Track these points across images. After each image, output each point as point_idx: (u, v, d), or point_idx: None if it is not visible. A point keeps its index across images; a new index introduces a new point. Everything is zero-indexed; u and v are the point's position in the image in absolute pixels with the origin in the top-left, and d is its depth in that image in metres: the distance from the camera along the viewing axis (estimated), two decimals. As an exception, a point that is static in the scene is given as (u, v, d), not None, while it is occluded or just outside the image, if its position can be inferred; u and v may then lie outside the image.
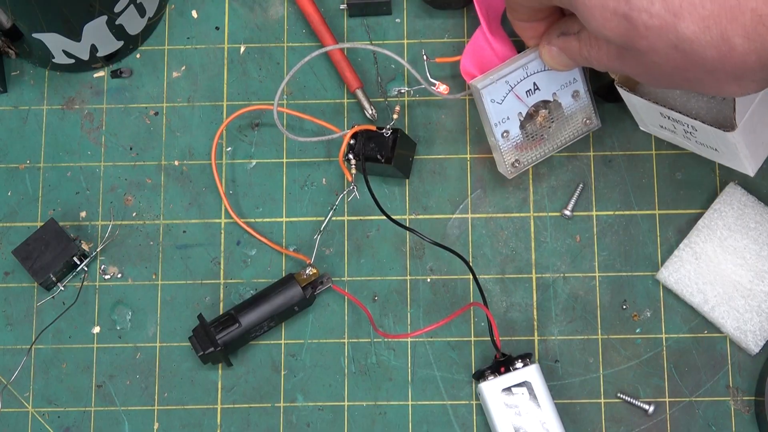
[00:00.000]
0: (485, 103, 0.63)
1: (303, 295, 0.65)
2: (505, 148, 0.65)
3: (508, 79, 0.62)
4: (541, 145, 0.66)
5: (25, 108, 0.71)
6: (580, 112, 0.66)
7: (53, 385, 0.67)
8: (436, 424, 0.66)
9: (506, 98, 0.63)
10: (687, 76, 0.49)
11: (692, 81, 0.50)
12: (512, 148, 0.65)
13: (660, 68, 0.49)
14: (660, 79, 0.51)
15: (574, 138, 0.67)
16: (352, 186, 0.66)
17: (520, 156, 0.66)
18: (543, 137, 0.65)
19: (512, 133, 0.64)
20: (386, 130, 0.65)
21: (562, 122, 0.66)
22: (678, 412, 0.65)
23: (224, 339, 0.65)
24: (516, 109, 0.64)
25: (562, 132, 0.66)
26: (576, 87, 0.65)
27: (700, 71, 0.48)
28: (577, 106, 0.65)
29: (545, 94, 0.64)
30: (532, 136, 0.65)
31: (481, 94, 0.62)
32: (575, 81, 0.64)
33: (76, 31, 0.66)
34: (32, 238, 0.67)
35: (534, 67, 0.63)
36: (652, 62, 0.49)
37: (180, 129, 0.70)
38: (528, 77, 0.63)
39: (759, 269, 0.65)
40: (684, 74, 0.49)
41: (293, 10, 0.72)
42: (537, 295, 0.67)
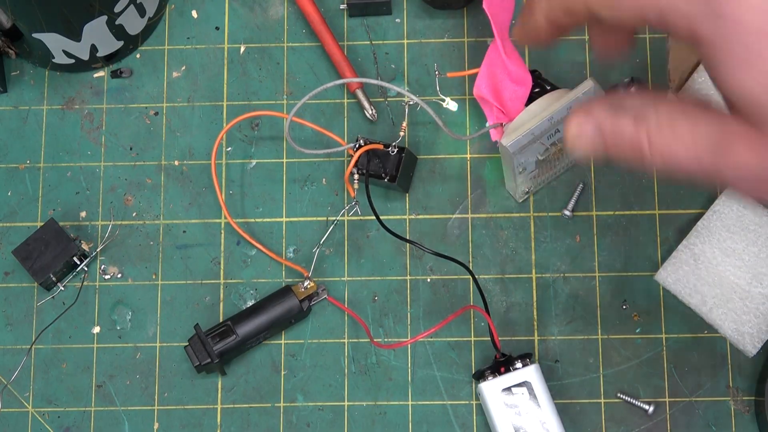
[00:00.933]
0: (513, 157, 0.62)
1: (300, 308, 0.66)
2: (520, 181, 0.65)
3: (533, 131, 0.61)
4: (551, 171, 0.66)
5: (25, 108, 0.71)
6: None
7: (53, 385, 0.67)
8: (436, 424, 0.66)
9: (529, 145, 0.62)
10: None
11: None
12: (526, 180, 0.65)
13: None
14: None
15: None
16: (354, 202, 0.67)
17: (532, 184, 0.66)
18: (554, 165, 0.66)
19: (528, 168, 0.64)
20: (392, 149, 0.65)
21: None
22: (678, 412, 0.65)
23: (221, 350, 0.65)
24: (536, 152, 0.64)
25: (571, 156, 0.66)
26: None
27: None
28: None
29: (563, 132, 0.64)
30: (544, 166, 0.65)
31: (510, 154, 0.62)
32: None
33: (76, 31, 0.66)
34: (32, 238, 0.67)
35: (559, 115, 0.62)
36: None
37: (180, 129, 0.70)
38: (552, 125, 0.62)
39: (757, 271, 0.65)
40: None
41: (293, 10, 0.72)
42: (537, 295, 0.67)
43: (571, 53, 0.70)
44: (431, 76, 0.70)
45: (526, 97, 0.63)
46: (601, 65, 0.69)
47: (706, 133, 0.36)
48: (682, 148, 0.37)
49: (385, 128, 0.69)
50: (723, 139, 0.36)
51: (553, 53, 0.70)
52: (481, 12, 0.70)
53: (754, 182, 0.35)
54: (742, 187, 0.36)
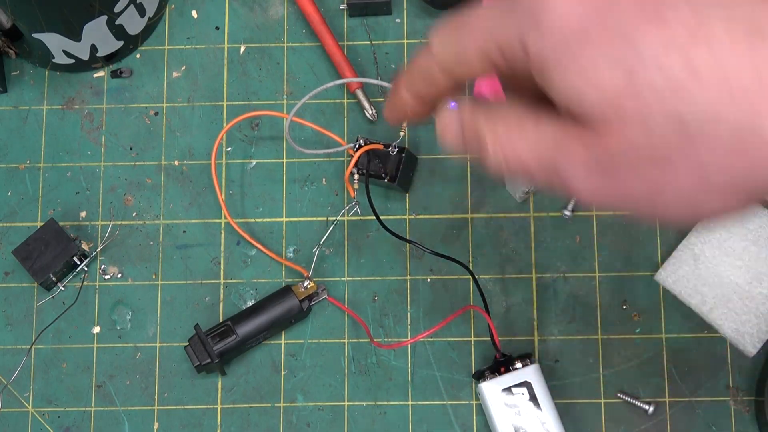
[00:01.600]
0: None
1: (300, 308, 0.66)
2: (520, 181, 0.65)
3: None
4: None
5: (25, 108, 0.71)
6: None
7: (53, 385, 0.67)
8: (436, 424, 0.66)
9: None
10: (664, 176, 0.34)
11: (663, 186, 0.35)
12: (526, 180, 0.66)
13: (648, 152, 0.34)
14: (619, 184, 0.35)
15: None
16: (354, 202, 0.67)
17: (532, 184, 0.66)
18: None
19: None
20: (392, 149, 0.65)
21: None
22: (678, 412, 0.65)
23: (221, 350, 0.65)
24: None
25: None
26: None
27: (693, 164, 0.33)
28: None
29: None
30: None
31: None
32: None
33: (76, 31, 0.66)
34: (32, 238, 0.67)
35: None
36: (621, 149, 0.34)
37: (180, 129, 0.70)
38: None
39: (757, 271, 0.65)
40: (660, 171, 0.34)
41: (293, 10, 0.72)
42: (537, 295, 0.67)
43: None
44: (431, 76, 0.70)
45: None
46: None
47: (548, 133, 0.37)
48: (525, 146, 0.38)
49: (385, 128, 0.69)
50: (562, 138, 0.37)
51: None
52: (481, 12, 0.70)
53: (587, 181, 0.36)
54: (576, 187, 0.37)
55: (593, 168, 0.36)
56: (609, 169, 0.35)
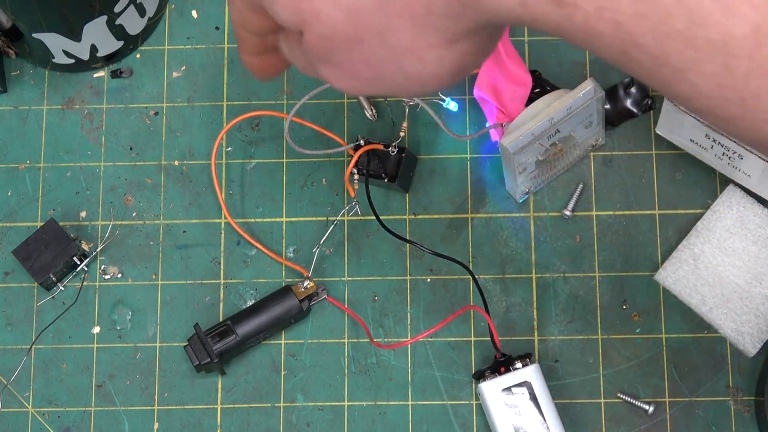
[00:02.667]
0: (513, 157, 0.62)
1: (300, 308, 0.66)
2: (520, 181, 0.65)
3: (534, 131, 0.62)
4: (551, 171, 0.66)
5: (25, 108, 0.71)
6: (590, 137, 0.66)
7: (53, 385, 0.67)
8: (436, 424, 0.66)
9: (529, 146, 0.62)
10: (359, 55, 0.38)
11: (368, 64, 0.39)
12: (526, 180, 0.65)
13: (332, 47, 0.38)
14: (339, 67, 0.40)
15: (581, 158, 0.67)
16: (354, 202, 0.67)
17: (532, 184, 0.66)
18: (554, 165, 0.66)
19: (528, 169, 0.64)
20: (392, 149, 0.65)
21: (573, 149, 0.66)
22: (678, 412, 0.65)
23: (220, 350, 0.65)
24: (536, 152, 0.64)
25: (571, 156, 0.66)
26: (591, 119, 0.64)
27: (371, 37, 0.37)
28: (589, 133, 0.66)
29: (564, 133, 0.64)
30: (544, 166, 0.65)
31: (510, 154, 0.62)
32: (591, 115, 0.64)
33: (76, 31, 0.66)
34: (32, 238, 0.67)
35: (559, 115, 0.62)
36: (319, 39, 0.38)
37: (180, 129, 0.70)
38: (552, 126, 0.62)
39: (757, 271, 0.65)
40: (355, 53, 0.38)
41: (293, 10, 0.72)
42: (537, 295, 0.67)
43: (571, 53, 0.70)
44: (431, 76, 0.70)
45: (526, 98, 0.64)
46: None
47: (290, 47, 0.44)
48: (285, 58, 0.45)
49: (385, 128, 0.69)
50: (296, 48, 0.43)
51: (553, 53, 0.70)
52: (481, 12, 0.70)
53: (328, 72, 0.41)
54: (324, 76, 0.42)
55: (322, 62, 0.40)
56: (329, 60, 0.40)
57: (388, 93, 0.41)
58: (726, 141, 0.61)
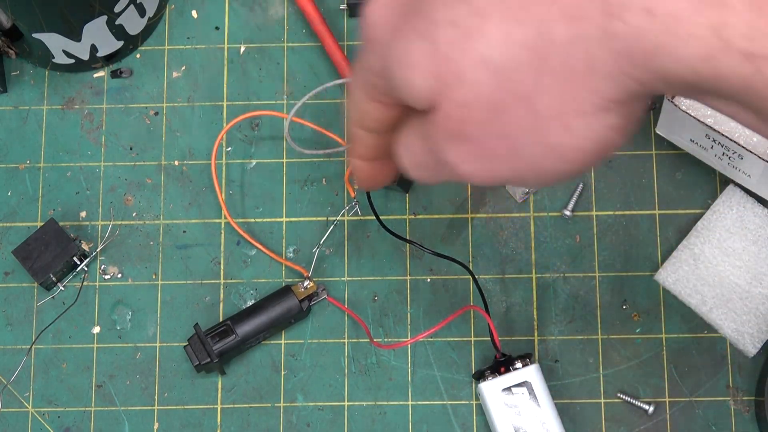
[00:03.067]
0: None
1: (300, 308, 0.66)
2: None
3: None
4: None
5: (25, 108, 0.71)
6: None
7: (53, 385, 0.67)
8: (436, 424, 0.66)
9: None
10: (498, 129, 0.35)
11: (508, 137, 0.36)
12: None
13: (470, 115, 0.36)
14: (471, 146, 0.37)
15: None
16: (354, 202, 0.67)
17: None
18: None
19: None
20: None
21: None
22: (678, 412, 0.65)
23: (220, 350, 0.65)
24: None
25: None
26: None
27: (516, 104, 0.34)
28: None
29: None
30: None
31: None
32: None
33: (76, 31, 0.66)
34: (32, 238, 0.67)
35: None
36: (461, 103, 0.36)
37: (180, 129, 0.70)
38: None
39: (757, 271, 0.65)
40: (495, 125, 0.35)
41: (293, 10, 0.72)
42: (537, 295, 0.67)
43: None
44: (431, 76, 0.70)
45: None
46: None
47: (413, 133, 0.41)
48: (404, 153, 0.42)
49: (385, 128, 0.69)
50: (424, 129, 0.39)
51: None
52: (481, 12, 0.70)
53: (456, 155, 0.38)
54: (452, 162, 0.38)
55: (453, 140, 0.37)
56: (463, 135, 0.36)
57: (519, 176, 0.38)
58: (726, 141, 0.61)
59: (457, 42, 0.34)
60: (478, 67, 0.34)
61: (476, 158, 0.37)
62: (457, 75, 0.35)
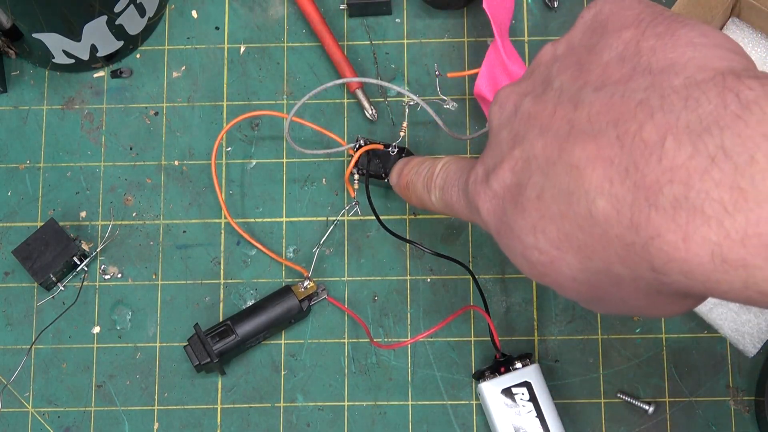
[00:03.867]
0: None
1: (300, 308, 0.66)
2: None
3: None
4: None
5: (25, 108, 0.71)
6: None
7: (53, 385, 0.67)
8: (436, 424, 0.66)
9: None
10: (609, 305, 0.44)
11: (619, 308, 0.44)
12: None
13: (581, 298, 0.45)
14: (595, 307, 0.46)
15: None
16: (354, 202, 0.67)
17: None
18: None
19: None
20: (392, 149, 0.65)
21: None
22: (678, 412, 0.65)
23: (220, 350, 0.65)
24: None
25: None
26: None
27: (614, 298, 0.43)
28: None
29: None
30: None
31: None
32: None
33: (76, 31, 0.66)
34: (32, 238, 0.67)
35: None
36: (570, 295, 0.45)
37: (180, 129, 0.70)
38: None
39: (759, 269, 0.65)
40: (603, 303, 0.44)
41: (293, 10, 0.72)
42: (537, 295, 0.67)
43: (571, 53, 0.70)
44: (431, 76, 0.70)
45: None
46: None
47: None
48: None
49: (385, 128, 0.69)
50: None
51: (553, 53, 0.70)
52: (481, 12, 0.70)
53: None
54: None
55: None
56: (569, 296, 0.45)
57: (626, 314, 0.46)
58: None
59: (547, 264, 0.43)
60: (570, 282, 0.43)
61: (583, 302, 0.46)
62: (557, 284, 0.44)
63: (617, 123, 0.38)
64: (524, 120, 0.44)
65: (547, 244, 0.42)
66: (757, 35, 0.67)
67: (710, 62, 0.38)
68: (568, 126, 0.41)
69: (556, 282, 0.44)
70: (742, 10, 0.66)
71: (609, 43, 0.42)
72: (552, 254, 0.42)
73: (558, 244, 0.41)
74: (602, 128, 0.39)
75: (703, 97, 0.36)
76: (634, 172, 0.37)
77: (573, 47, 0.44)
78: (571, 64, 0.43)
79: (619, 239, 0.38)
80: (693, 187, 0.35)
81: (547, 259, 0.42)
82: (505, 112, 0.46)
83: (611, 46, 0.42)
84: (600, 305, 0.45)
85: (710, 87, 0.37)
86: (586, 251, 0.40)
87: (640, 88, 0.39)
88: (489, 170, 0.46)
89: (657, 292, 0.40)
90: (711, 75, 0.37)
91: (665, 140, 0.36)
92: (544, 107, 0.43)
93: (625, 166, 0.37)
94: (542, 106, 0.43)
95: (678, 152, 0.36)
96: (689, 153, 0.35)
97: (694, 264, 0.36)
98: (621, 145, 0.38)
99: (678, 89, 0.37)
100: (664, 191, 0.36)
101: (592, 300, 0.44)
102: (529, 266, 0.44)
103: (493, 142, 0.46)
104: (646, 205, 0.37)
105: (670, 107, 0.37)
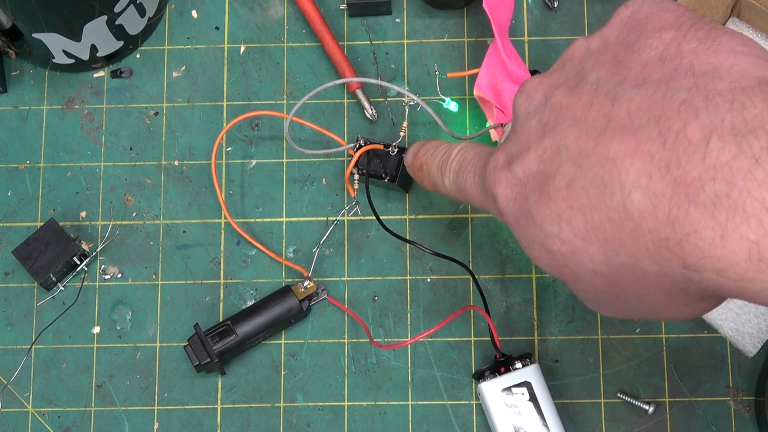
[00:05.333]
0: None
1: (300, 308, 0.66)
2: None
3: None
4: None
5: (25, 108, 0.71)
6: None
7: (53, 385, 0.67)
8: (436, 424, 0.66)
9: None
10: (623, 304, 0.44)
11: (632, 309, 0.45)
12: None
13: (595, 296, 0.45)
14: (606, 308, 0.46)
15: None
16: (354, 202, 0.67)
17: None
18: None
19: None
20: (392, 149, 0.65)
21: None
22: (678, 412, 0.65)
23: (220, 350, 0.65)
24: None
25: None
26: None
27: (631, 296, 0.43)
28: None
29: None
30: None
31: None
32: None
33: (76, 31, 0.66)
34: (32, 238, 0.67)
35: None
36: (584, 291, 0.45)
37: (180, 129, 0.70)
38: None
39: (759, 269, 0.65)
40: (616, 302, 0.44)
41: (293, 10, 0.72)
42: (537, 295, 0.67)
43: (571, 53, 0.70)
44: (431, 76, 0.70)
45: None
46: None
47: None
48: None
49: (385, 128, 0.69)
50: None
51: (553, 53, 0.70)
52: (481, 12, 0.70)
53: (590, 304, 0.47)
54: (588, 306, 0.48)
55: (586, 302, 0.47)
56: (587, 300, 0.46)
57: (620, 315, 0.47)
58: None
59: (568, 255, 0.43)
60: (590, 275, 0.43)
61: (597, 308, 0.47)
62: (574, 276, 0.43)
63: (659, 120, 0.38)
64: (556, 111, 0.43)
65: (572, 235, 0.42)
66: (757, 35, 0.67)
67: (752, 70, 0.39)
68: (605, 120, 0.41)
69: (574, 274, 0.43)
70: (742, 10, 0.66)
71: (648, 43, 0.42)
72: (575, 245, 0.42)
73: (584, 235, 0.41)
74: (643, 124, 0.39)
75: (748, 102, 0.37)
76: (676, 168, 0.37)
77: (608, 43, 0.44)
78: (606, 60, 0.43)
79: (652, 234, 0.38)
80: (735, 186, 0.35)
81: (569, 249, 0.42)
82: (533, 101, 0.46)
83: (651, 45, 0.42)
84: (612, 305, 0.45)
85: (756, 93, 0.37)
86: (613, 244, 0.40)
87: (683, 88, 0.39)
88: (512, 157, 0.45)
89: (681, 291, 0.40)
90: (756, 82, 0.38)
91: (710, 139, 0.37)
92: (578, 99, 0.42)
93: (667, 162, 0.37)
94: (576, 98, 0.43)
95: (722, 151, 0.36)
96: (733, 153, 0.36)
97: (729, 262, 0.36)
98: (663, 142, 0.38)
99: (723, 92, 0.38)
100: (705, 188, 0.36)
101: (606, 298, 0.44)
102: (548, 256, 0.44)
103: (519, 130, 0.46)
104: (686, 201, 0.37)
105: (714, 108, 0.37)
